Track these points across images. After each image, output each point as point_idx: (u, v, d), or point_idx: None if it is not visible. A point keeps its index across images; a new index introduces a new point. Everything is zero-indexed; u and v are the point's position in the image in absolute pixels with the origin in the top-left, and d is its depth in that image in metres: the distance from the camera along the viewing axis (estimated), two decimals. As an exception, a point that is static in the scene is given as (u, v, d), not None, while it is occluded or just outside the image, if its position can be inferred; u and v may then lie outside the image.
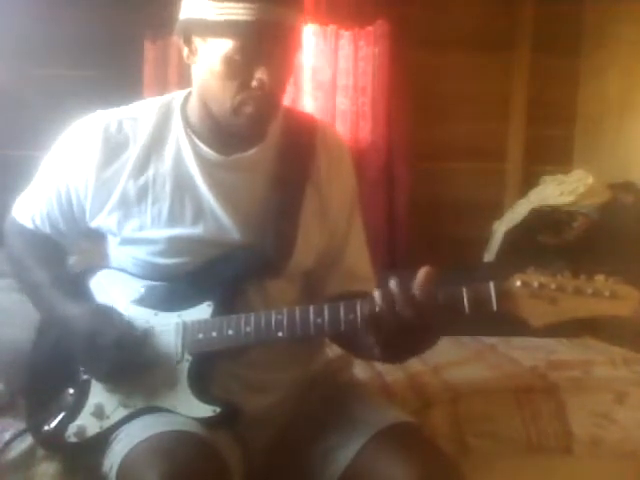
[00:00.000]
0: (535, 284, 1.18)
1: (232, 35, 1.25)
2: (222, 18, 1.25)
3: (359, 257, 1.49)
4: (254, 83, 1.28)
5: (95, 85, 2.76)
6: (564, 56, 3.14)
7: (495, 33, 3.11)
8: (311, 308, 1.29)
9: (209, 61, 1.29)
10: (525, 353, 2.15)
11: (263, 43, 1.26)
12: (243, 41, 1.25)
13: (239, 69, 1.27)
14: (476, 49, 3.07)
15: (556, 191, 2.83)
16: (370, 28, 2.97)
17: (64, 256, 1.54)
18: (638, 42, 2.80)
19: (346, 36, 2.98)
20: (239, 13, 1.23)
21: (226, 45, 1.26)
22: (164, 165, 1.40)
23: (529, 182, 3.08)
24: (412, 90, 3.00)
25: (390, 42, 2.97)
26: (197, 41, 1.30)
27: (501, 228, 2.91)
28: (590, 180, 2.79)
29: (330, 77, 2.98)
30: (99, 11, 2.81)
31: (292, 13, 1.27)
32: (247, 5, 1.23)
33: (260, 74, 1.27)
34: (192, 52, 1.33)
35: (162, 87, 2.80)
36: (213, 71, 1.29)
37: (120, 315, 1.38)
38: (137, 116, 1.42)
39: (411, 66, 3.00)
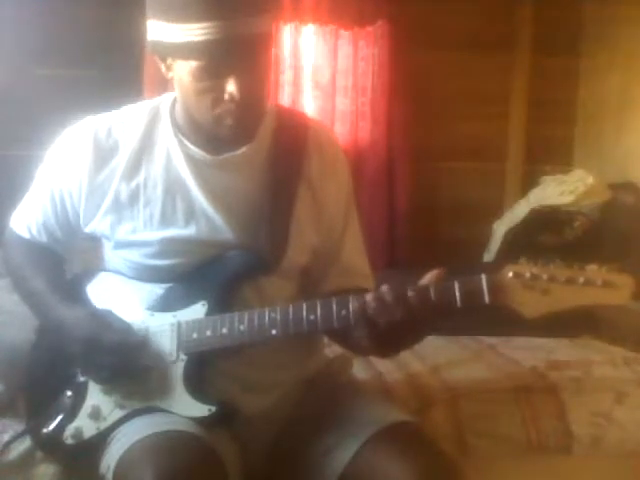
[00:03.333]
0: (527, 275, 1.17)
1: (192, 56, 1.24)
2: (179, 40, 1.23)
3: (355, 254, 1.49)
4: (226, 96, 1.27)
5: (95, 85, 2.76)
6: (564, 56, 3.14)
7: (495, 33, 3.11)
8: (304, 305, 1.29)
9: (181, 78, 1.29)
10: (525, 353, 2.15)
11: (225, 58, 1.24)
12: (204, 60, 1.24)
13: (209, 85, 1.26)
14: (476, 49, 3.07)
15: (556, 191, 2.83)
16: (370, 28, 2.98)
17: (61, 264, 1.54)
18: (638, 42, 2.80)
19: (346, 36, 2.98)
20: (195, 34, 1.22)
21: (190, 64, 1.25)
22: (155, 167, 1.40)
23: (529, 182, 3.08)
24: (412, 90, 3.01)
25: (390, 42, 2.97)
26: (169, 59, 1.30)
27: (501, 228, 2.91)
28: (590, 180, 2.79)
29: (330, 77, 2.98)
30: (99, 11, 2.81)
31: (250, 20, 1.24)
32: (201, 25, 1.21)
33: (230, 88, 1.25)
34: (168, 68, 1.32)
35: (162, 87, 2.78)
36: (187, 88, 1.29)
37: (119, 319, 1.38)
38: (126, 120, 1.43)
39: (411, 66, 3.00)
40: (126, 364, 1.34)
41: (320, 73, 2.99)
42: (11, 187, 1.58)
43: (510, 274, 1.18)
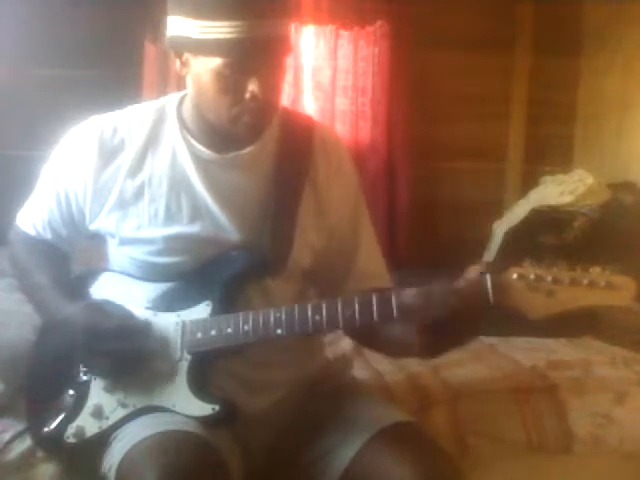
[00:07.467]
0: (531, 276, 1.18)
1: (219, 53, 1.25)
2: (206, 37, 1.24)
3: (371, 256, 1.50)
4: (247, 95, 1.28)
5: (95, 85, 2.76)
6: (564, 56, 3.14)
7: (495, 33, 3.11)
8: (309, 305, 1.29)
9: (200, 75, 1.30)
10: (525, 353, 2.15)
11: (251, 57, 1.25)
12: (231, 58, 1.25)
13: (230, 83, 1.28)
14: (476, 49, 3.07)
15: (556, 191, 2.83)
16: (370, 28, 2.98)
17: (65, 261, 1.54)
18: (638, 42, 2.80)
19: (346, 36, 2.99)
20: (223, 32, 1.23)
21: (214, 61, 1.26)
22: (160, 165, 1.41)
23: (529, 182, 3.08)
24: (412, 90, 3.01)
25: (390, 42, 2.97)
26: (187, 55, 1.31)
27: (501, 228, 2.91)
28: (590, 180, 2.79)
29: (330, 77, 2.98)
30: (99, 11, 2.81)
31: (277, 22, 1.26)
32: (231, 23, 1.22)
33: (252, 87, 1.27)
34: (184, 64, 1.33)
35: (162, 87, 2.80)
36: (205, 85, 1.30)
37: (117, 306, 1.38)
38: (132, 119, 1.43)
39: (411, 66, 3.00)
40: (127, 352, 1.34)
41: (320, 73, 2.99)
42: (11, 187, 1.58)
43: (514, 275, 1.19)
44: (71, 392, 1.41)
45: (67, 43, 2.82)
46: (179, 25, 1.28)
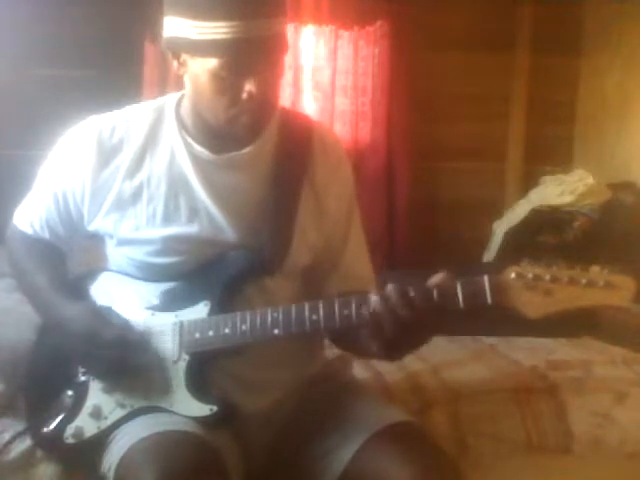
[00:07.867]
0: (530, 276, 1.18)
1: (215, 54, 1.25)
2: (203, 37, 1.24)
3: (358, 258, 1.49)
4: (244, 95, 1.28)
5: (95, 85, 2.76)
6: (564, 56, 3.14)
7: (495, 33, 3.11)
8: (306, 305, 1.30)
9: (198, 76, 1.30)
10: (525, 353, 2.15)
11: (248, 57, 1.25)
12: (227, 58, 1.25)
13: (227, 84, 1.28)
14: (476, 49, 3.07)
15: (556, 191, 2.83)
16: (370, 28, 2.98)
17: (63, 259, 1.54)
18: (638, 42, 2.80)
19: (346, 36, 2.99)
20: (219, 32, 1.23)
21: (211, 62, 1.26)
22: (158, 165, 1.41)
23: (529, 182, 3.08)
24: (412, 90, 3.01)
25: (390, 42, 2.97)
26: (184, 56, 1.31)
27: (501, 228, 2.91)
28: (590, 180, 2.79)
29: (330, 77, 2.98)
30: (99, 11, 2.81)
31: (273, 21, 1.26)
32: (227, 23, 1.22)
33: (249, 87, 1.27)
34: (181, 65, 1.33)
35: (162, 87, 2.80)
36: (203, 86, 1.30)
37: (117, 315, 1.39)
38: (130, 119, 1.43)
39: (411, 66, 3.00)
40: (124, 360, 1.34)
41: (320, 73, 2.99)
42: (10, 186, 1.58)
43: (512, 275, 1.19)
44: (70, 392, 1.41)
45: (67, 43, 2.82)
46: (176, 26, 1.28)
